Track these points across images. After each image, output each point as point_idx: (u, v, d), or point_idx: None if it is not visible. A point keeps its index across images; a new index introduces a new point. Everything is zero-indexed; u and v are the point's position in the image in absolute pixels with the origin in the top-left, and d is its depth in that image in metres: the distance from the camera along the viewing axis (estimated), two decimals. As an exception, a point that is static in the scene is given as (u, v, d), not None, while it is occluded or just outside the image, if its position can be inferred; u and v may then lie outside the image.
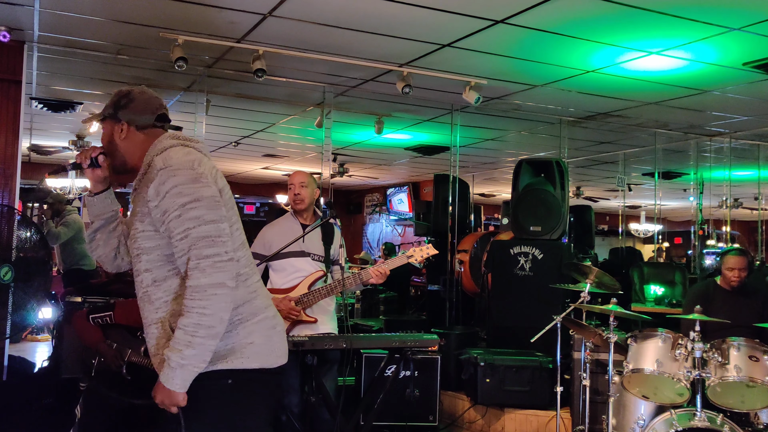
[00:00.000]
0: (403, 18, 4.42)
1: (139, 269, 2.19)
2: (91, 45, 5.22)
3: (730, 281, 4.67)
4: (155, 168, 2.13)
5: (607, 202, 15.39)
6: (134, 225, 2.18)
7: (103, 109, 2.30)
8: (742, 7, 4.05)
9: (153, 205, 2.10)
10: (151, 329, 2.18)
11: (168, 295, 2.15)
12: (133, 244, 2.19)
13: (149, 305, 2.18)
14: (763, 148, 8.76)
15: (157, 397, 2.09)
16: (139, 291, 2.20)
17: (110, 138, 2.29)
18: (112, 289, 5.61)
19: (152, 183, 2.10)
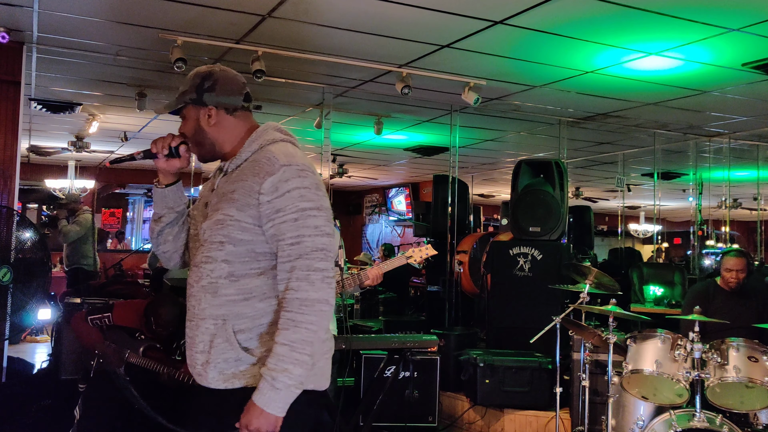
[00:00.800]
0: (402, 19, 4.42)
1: (213, 257, 1.97)
2: (90, 46, 5.22)
3: (728, 282, 4.68)
4: (274, 161, 1.95)
5: (606, 203, 15.40)
6: (225, 210, 1.96)
7: (179, 94, 2.10)
8: (740, 7, 4.06)
9: (265, 199, 1.92)
10: (206, 324, 1.96)
11: (240, 294, 1.95)
12: (217, 230, 1.97)
13: (212, 298, 1.96)
14: (762, 149, 8.77)
15: (252, 423, 1.84)
16: (202, 280, 1.98)
17: (196, 125, 2.09)
18: (110, 290, 5.61)
19: (269, 176, 1.92)
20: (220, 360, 1.94)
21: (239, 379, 1.94)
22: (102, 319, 4.34)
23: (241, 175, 2.00)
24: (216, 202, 2.02)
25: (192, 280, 2.03)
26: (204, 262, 1.99)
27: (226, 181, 2.04)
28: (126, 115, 7.86)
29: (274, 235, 1.93)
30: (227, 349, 1.93)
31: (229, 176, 2.05)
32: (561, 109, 6.96)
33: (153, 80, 6.21)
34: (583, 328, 4.29)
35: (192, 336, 2.00)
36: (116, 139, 9.21)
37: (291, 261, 1.91)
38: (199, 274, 2.00)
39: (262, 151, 2.01)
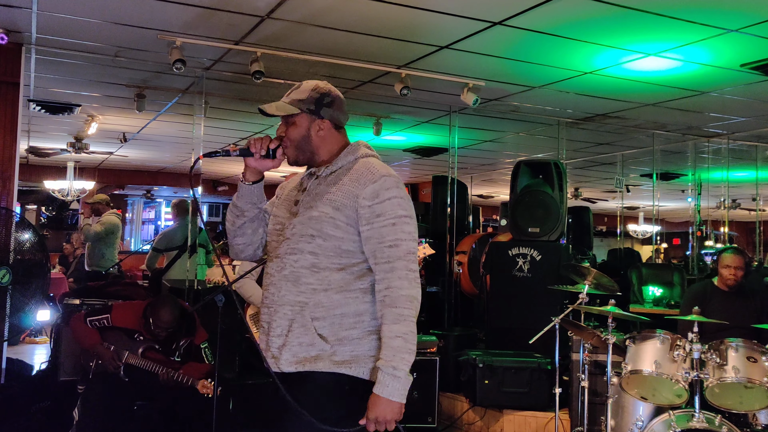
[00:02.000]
0: (402, 20, 4.42)
1: (300, 249, 2.16)
2: (89, 47, 5.22)
3: (726, 280, 4.68)
4: (375, 171, 2.17)
5: (605, 203, 15.41)
6: (320, 208, 2.16)
7: (293, 101, 2.27)
8: (739, 8, 4.06)
9: (365, 204, 2.13)
10: (284, 309, 2.16)
11: (320, 284, 2.14)
12: (311, 224, 2.16)
13: (293, 286, 2.16)
14: (761, 149, 8.77)
15: (381, 415, 2.06)
16: (284, 270, 2.18)
17: (305, 133, 2.26)
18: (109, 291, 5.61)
19: (371, 184, 2.14)
20: (295, 344, 2.12)
21: (310, 363, 2.11)
22: (101, 320, 4.34)
23: (336, 180, 2.21)
24: (309, 201, 2.21)
25: (273, 270, 2.21)
26: (289, 253, 2.18)
27: (320, 184, 2.23)
28: (125, 117, 7.85)
29: (370, 237, 2.13)
30: (303, 333, 2.11)
31: (322, 180, 2.24)
32: (560, 110, 6.96)
33: (152, 81, 6.21)
34: (582, 329, 4.29)
35: (269, 321, 2.19)
36: (115, 140, 9.21)
37: (390, 262, 2.12)
38: (281, 265, 2.18)
39: (359, 162, 2.23)
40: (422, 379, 5.12)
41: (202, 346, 4.39)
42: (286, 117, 2.27)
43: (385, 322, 2.09)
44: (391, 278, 2.11)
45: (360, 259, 2.17)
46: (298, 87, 2.29)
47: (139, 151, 10.71)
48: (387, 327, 2.08)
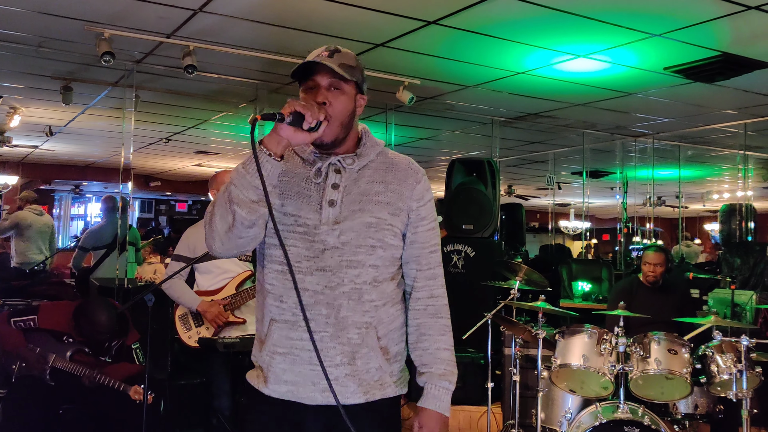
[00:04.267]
0: (337, 16, 4.41)
1: (360, 261, 1.87)
2: (11, 36, 5.00)
3: (646, 276, 4.90)
4: (416, 169, 2.01)
5: (537, 200, 15.78)
6: (376, 213, 1.89)
7: (348, 67, 1.88)
8: (663, 14, 4.22)
9: (415, 206, 1.96)
10: (348, 333, 1.86)
11: (381, 299, 1.91)
12: (370, 232, 1.88)
13: (357, 305, 1.87)
14: (683, 149, 9.15)
15: (435, 430, 1.96)
16: (342, 286, 1.86)
17: (353, 107, 1.93)
18: (34, 290, 5.41)
19: (418, 184, 1.97)
20: (363, 371, 1.88)
21: (377, 389, 1.91)
22: (26, 321, 4.17)
23: (375, 176, 1.95)
24: (353, 202, 1.90)
25: (319, 287, 1.85)
26: (346, 266, 1.86)
27: (357, 180, 1.92)
28: (51, 109, 7.57)
29: (414, 242, 1.97)
30: (372, 358, 1.88)
31: (354, 174, 1.93)
32: (493, 109, 7.08)
33: (79, 73, 6.00)
34: (513, 324, 4.38)
35: (322, 349, 1.81)
36: (41, 133, 8.86)
37: (432, 269, 2.00)
38: (335, 280, 1.86)
39: (386, 154, 2.01)
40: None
41: (134, 346, 4.28)
42: (338, 82, 1.88)
43: (431, 333, 1.97)
44: (433, 286, 2.00)
45: (399, 266, 1.99)
46: (338, 51, 1.90)
47: (66, 145, 10.34)
48: (434, 338, 1.97)
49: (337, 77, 1.86)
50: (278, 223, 1.86)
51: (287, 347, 1.87)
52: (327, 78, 1.87)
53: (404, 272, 2.01)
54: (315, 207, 1.89)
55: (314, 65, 1.86)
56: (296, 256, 1.87)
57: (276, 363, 1.87)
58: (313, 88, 1.87)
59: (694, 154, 9.54)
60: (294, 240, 1.88)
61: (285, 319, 1.87)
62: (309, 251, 1.87)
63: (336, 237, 1.86)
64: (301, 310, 1.73)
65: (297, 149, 1.97)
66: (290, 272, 1.75)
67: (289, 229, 1.89)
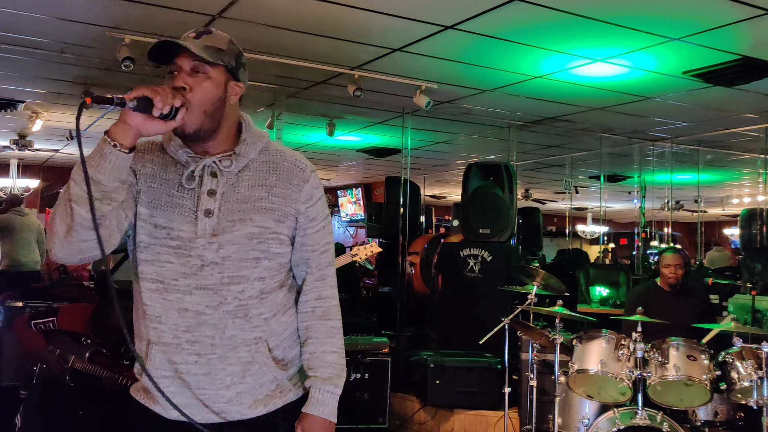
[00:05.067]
0: (355, 22, 4.43)
1: (245, 276, 1.72)
2: (34, 43, 5.07)
3: (667, 279, 4.84)
4: (303, 167, 1.83)
5: (554, 204, 15.70)
6: (259, 222, 1.73)
7: (215, 50, 1.71)
8: (681, 18, 4.20)
9: (303, 208, 1.80)
10: (237, 353, 1.72)
11: (270, 311, 1.77)
12: (252, 244, 1.72)
13: (244, 322, 1.72)
14: (702, 153, 9.08)
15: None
16: (226, 304, 1.71)
17: (222, 95, 1.72)
18: (55, 293, 5.47)
19: (305, 183, 1.81)
20: (256, 386, 1.76)
21: (279, 398, 1.80)
22: (46, 323, 4.23)
23: (257, 177, 1.77)
24: (232, 210, 1.73)
25: (200, 306, 1.70)
26: (229, 283, 1.70)
27: (235, 184, 1.75)
28: (71, 114, 7.66)
29: (304, 244, 1.83)
30: (264, 372, 1.77)
31: (233, 177, 1.76)
32: (510, 113, 7.07)
33: (99, 78, 6.08)
34: (530, 329, 4.37)
35: (209, 372, 1.71)
36: (61, 137, 8.97)
37: (321, 269, 1.87)
38: (217, 299, 1.70)
39: (271, 152, 1.82)
40: (374, 380, 5.14)
41: (151, 349, 4.31)
42: (201, 66, 1.69)
43: (317, 336, 1.84)
44: (322, 287, 1.86)
45: (288, 270, 1.86)
46: (207, 32, 1.73)
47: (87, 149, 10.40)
48: (320, 341, 1.84)
49: (199, 59, 1.67)
50: (149, 236, 1.71)
51: (171, 371, 1.72)
52: (189, 61, 1.68)
53: (294, 274, 1.88)
54: (189, 217, 1.71)
55: (176, 47, 1.67)
56: (172, 273, 1.70)
57: (163, 386, 1.71)
58: (174, 73, 1.70)
59: (713, 158, 9.46)
60: (168, 255, 1.70)
61: (165, 342, 1.71)
62: (185, 267, 1.70)
63: (215, 252, 1.70)
64: None
65: (169, 149, 1.77)
66: None
67: (162, 243, 1.71)
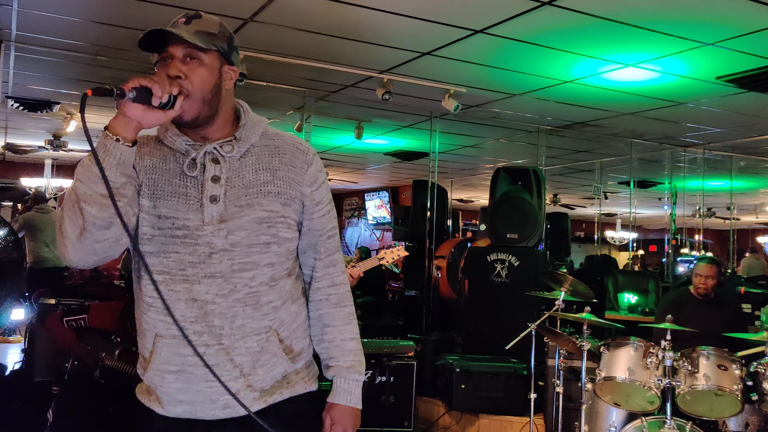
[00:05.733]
0: (384, 26, 4.44)
1: (255, 262, 1.68)
2: (70, 45, 5.18)
3: (697, 288, 4.79)
4: (305, 150, 1.80)
5: (583, 210, 15.56)
6: (266, 206, 1.70)
7: (207, 35, 1.67)
8: (714, 22, 4.14)
9: (308, 191, 1.77)
10: (250, 341, 1.68)
11: (279, 299, 1.73)
12: (262, 228, 1.69)
13: (254, 310, 1.69)
14: (735, 160, 8.93)
15: (353, 425, 1.80)
16: (236, 292, 1.67)
17: (217, 80, 1.69)
18: (87, 291, 5.56)
19: (308, 166, 1.78)
20: (267, 378, 1.72)
21: (286, 388, 1.76)
22: (78, 320, 4.31)
23: (260, 161, 1.74)
24: (238, 194, 1.69)
25: (210, 296, 1.65)
26: (238, 270, 1.67)
27: (239, 169, 1.71)
28: (105, 115, 7.79)
29: (311, 229, 1.80)
30: (275, 364, 1.73)
31: (235, 162, 1.72)
32: (540, 118, 7.03)
33: (133, 81, 6.17)
34: (557, 335, 4.34)
35: (217, 363, 1.66)
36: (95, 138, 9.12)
37: (331, 255, 1.84)
38: (228, 286, 1.66)
39: (271, 136, 1.79)
40: (399, 383, 5.14)
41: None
42: (195, 52, 1.66)
43: (335, 323, 1.82)
44: (334, 273, 1.84)
45: (295, 258, 1.83)
46: (197, 16, 1.70)
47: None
48: (338, 329, 1.82)
49: (192, 47, 1.64)
50: (153, 227, 1.66)
51: (179, 365, 1.67)
52: (182, 48, 1.65)
53: (301, 262, 1.84)
54: (194, 205, 1.67)
55: (167, 35, 1.64)
56: (179, 263, 1.65)
57: (168, 382, 1.68)
58: (167, 60, 1.67)
59: (746, 164, 9.30)
60: (174, 245, 1.66)
61: (173, 334, 1.65)
62: (193, 256, 1.65)
63: (223, 238, 1.66)
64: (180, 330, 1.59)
65: (166, 140, 1.73)
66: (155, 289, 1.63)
67: (167, 233, 1.66)
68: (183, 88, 1.62)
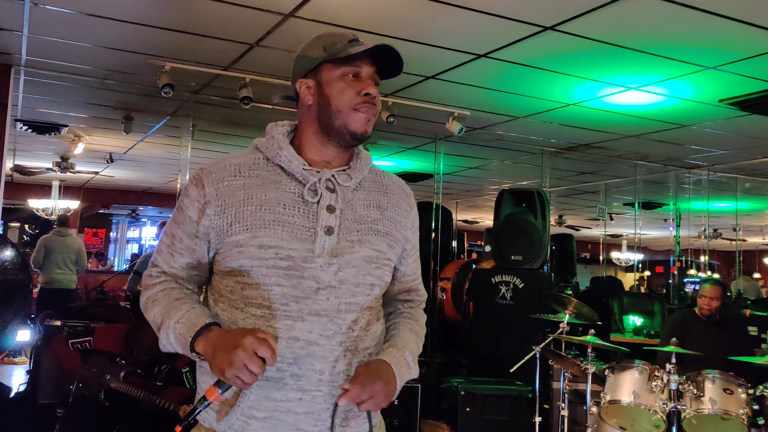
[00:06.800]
0: (388, 50, 4.49)
1: (358, 303, 1.54)
2: (78, 69, 5.25)
3: (701, 309, 4.78)
4: (407, 190, 1.74)
5: (588, 231, 15.54)
6: (375, 245, 1.58)
7: None
8: (716, 47, 4.18)
9: (410, 234, 1.70)
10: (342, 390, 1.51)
11: (374, 345, 1.60)
12: (370, 269, 1.56)
13: (354, 356, 1.54)
14: (740, 181, 8.93)
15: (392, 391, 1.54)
16: (342, 335, 1.52)
17: None
18: (92, 313, 5.58)
19: (411, 209, 1.71)
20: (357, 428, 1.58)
21: None
22: (83, 342, 4.31)
23: (370, 197, 1.64)
24: (350, 228, 1.56)
25: (316, 335, 1.49)
26: (346, 310, 1.52)
27: (352, 202, 1.59)
28: (112, 137, 7.87)
29: (405, 275, 1.73)
30: (365, 417, 1.58)
31: (348, 193, 1.60)
32: (543, 140, 7.06)
33: (140, 104, 6.25)
34: (562, 358, 4.33)
35: (312, 411, 1.50)
36: (102, 160, 9.21)
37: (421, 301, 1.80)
38: (334, 327, 1.51)
39: (378, 172, 1.71)
40: (404, 406, 5.12)
41: (184, 370, 4.37)
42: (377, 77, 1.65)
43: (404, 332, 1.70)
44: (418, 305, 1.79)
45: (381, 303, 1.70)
46: None
47: (125, 171, 10.71)
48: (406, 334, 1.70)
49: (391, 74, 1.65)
50: (251, 258, 1.50)
51: (269, 410, 1.50)
52: (373, 72, 1.61)
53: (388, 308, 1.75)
54: (303, 235, 1.51)
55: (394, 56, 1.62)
56: (281, 297, 1.50)
57: (252, 429, 1.51)
58: (356, 76, 1.59)
59: (752, 186, 9.30)
60: (277, 278, 1.50)
61: (267, 376, 1.48)
62: (297, 290, 1.50)
63: (333, 274, 1.51)
64: None
65: (278, 158, 1.60)
66: None
67: (268, 264, 1.50)
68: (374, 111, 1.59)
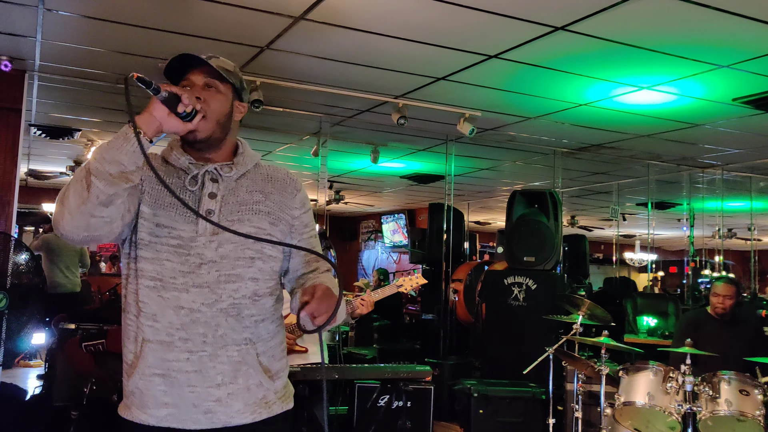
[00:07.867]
0: (399, 52, 4.49)
1: (239, 275, 1.81)
2: (92, 75, 5.29)
3: (715, 308, 4.73)
4: (294, 178, 2.00)
5: (601, 231, 15.46)
6: (255, 223, 1.85)
7: (225, 70, 1.87)
8: (729, 45, 4.14)
9: (297, 214, 1.95)
10: (228, 351, 1.79)
11: (260, 314, 1.85)
12: (247, 243, 1.81)
13: (236, 322, 1.80)
14: (754, 180, 8.85)
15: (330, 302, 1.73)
16: (221, 302, 1.79)
17: (230, 109, 1.90)
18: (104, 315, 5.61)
19: (298, 192, 1.97)
20: (245, 389, 1.81)
21: (262, 408, 1.84)
22: (96, 345, 4.35)
23: (254, 185, 1.91)
24: (231, 211, 1.84)
25: (196, 304, 1.77)
26: (225, 281, 1.79)
27: (235, 189, 1.88)
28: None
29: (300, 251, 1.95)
30: (251, 375, 1.82)
31: (231, 182, 1.88)
32: (555, 140, 7.04)
33: (152, 108, 6.27)
34: (575, 359, 4.31)
35: (200, 369, 1.77)
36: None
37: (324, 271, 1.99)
38: (213, 296, 1.78)
39: (264, 167, 1.98)
40: (416, 408, 5.10)
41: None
42: (214, 82, 1.86)
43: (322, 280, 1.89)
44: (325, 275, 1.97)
45: (278, 281, 1.95)
46: (216, 57, 1.89)
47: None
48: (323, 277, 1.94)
49: (214, 75, 1.85)
50: (151, 234, 1.79)
51: (164, 369, 1.77)
52: (203, 77, 1.85)
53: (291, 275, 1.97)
54: (190, 218, 1.80)
55: (191, 60, 1.84)
56: (170, 271, 1.78)
57: (154, 385, 1.77)
58: (187, 87, 1.82)
59: (766, 185, 9.21)
60: (168, 254, 1.79)
61: (160, 340, 1.77)
62: (184, 266, 1.78)
63: (214, 250, 1.79)
64: None
65: (170, 158, 1.89)
66: None
67: (162, 241, 1.79)
68: (203, 108, 1.79)
